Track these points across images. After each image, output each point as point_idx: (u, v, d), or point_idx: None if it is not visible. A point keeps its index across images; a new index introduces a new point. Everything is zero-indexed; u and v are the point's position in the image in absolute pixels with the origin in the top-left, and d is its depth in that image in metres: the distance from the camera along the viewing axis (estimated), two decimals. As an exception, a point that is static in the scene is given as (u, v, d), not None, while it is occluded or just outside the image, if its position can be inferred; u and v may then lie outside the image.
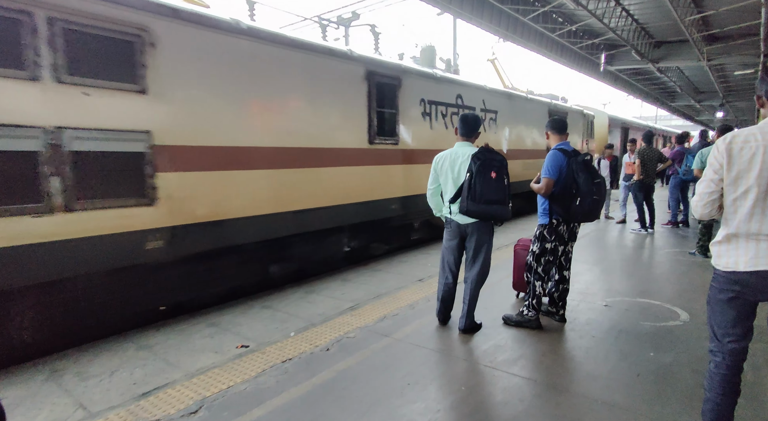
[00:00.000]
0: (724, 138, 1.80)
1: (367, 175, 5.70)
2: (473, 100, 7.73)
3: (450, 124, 7.13)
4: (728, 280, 1.81)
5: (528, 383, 2.67)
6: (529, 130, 10.18)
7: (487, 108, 8.20)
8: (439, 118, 6.92)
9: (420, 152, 6.50)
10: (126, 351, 3.34)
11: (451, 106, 7.19)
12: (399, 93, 6.11)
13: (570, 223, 3.42)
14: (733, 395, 1.87)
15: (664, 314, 3.80)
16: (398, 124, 6.09)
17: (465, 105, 7.47)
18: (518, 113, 9.41)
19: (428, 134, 6.69)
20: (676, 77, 21.92)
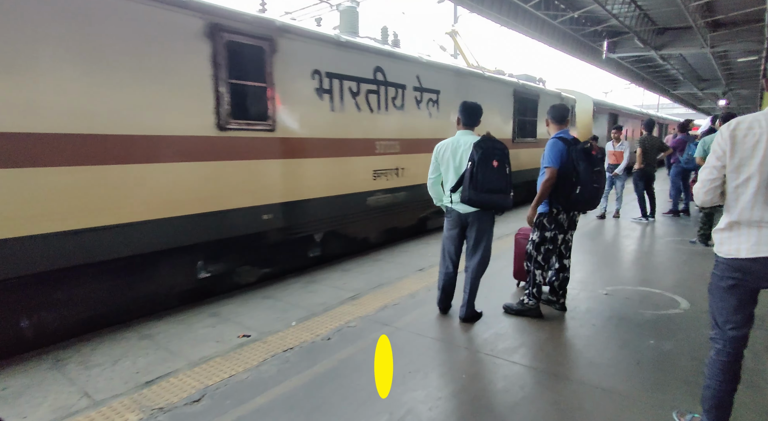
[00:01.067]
0: (729, 125, 1.78)
1: (216, 174, 4.02)
2: (402, 75, 6.12)
3: (366, 106, 5.55)
4: (730, 267, 1.81)
5: (529, 371, 2.69)
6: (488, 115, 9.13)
7: (423, 87, 6.53)
8: (347, 98, 5.28)
9: (315, 143, 4.94)
10: (129, 340, 3.36)
11: (367, 81, 5.54)
12: (273, 60, 4.42)
13: (570, 211, 3.41)
14: (733, 382, 1.88)
15: (665, 303, 3.81)
16: (272, 103, 4.44)
17: (389, 81, 5.87)
18: (472, 95, 7.62)
19: (329, 118, 5.08)
20: (678, 65, 21.71)
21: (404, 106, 6.20)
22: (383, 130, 5.90)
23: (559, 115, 3.48)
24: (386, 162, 5.94)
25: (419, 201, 6.48)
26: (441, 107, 6.98)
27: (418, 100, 6.48)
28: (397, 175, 6.13)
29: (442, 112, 7.04)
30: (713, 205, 1.94)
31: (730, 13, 12.86)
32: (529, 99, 9.81)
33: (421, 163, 6.30)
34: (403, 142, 6.20)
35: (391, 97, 5.96)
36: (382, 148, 5.89)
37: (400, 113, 6.15)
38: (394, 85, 6.03)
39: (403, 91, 6.17)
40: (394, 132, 6.08)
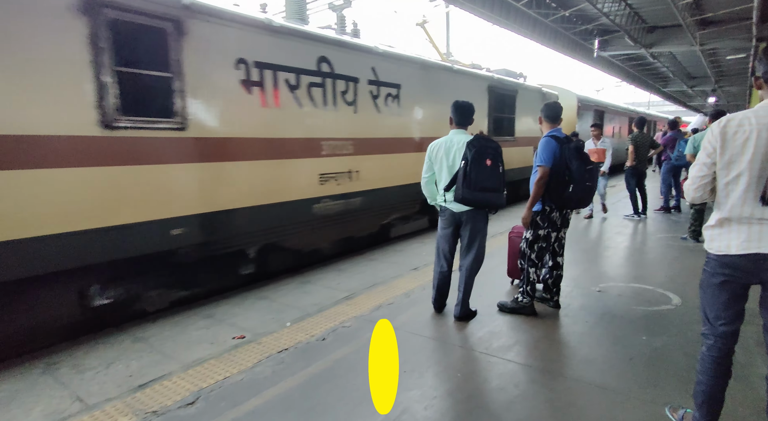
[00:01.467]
0: (719, 122, 1.80)
1: (104, 182, 3.34)
2: (353, 67, 5.41)
3: (309, 101, 4.84)
4: (720, 263, 1.83)
5: (523, 369, 2.70)
6: None
7: (381, 80, 5.82)
8: (284, 92, 4.56)
9: (243, 143, 4.21)
10: (122, 344, 3.33)
11: (309, 73, 4.80)
12: (181, 46, 3.70)
13: (563, 210, 3.43)
14: (725, 377, 1.90)
15: (657, 299, 3.84)
16: (182, 97, 3.72)
17: (337, 74, 5.17)
18: (440, 90, 7.10)
19: (261, 115, 4.36)
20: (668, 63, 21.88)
21: (357, 101, 5.48)
22: (331, 129, 5.19)
23: (553, 114, 3.50)
24: (336, 164, 5.26)
25: (380, 207, 6.08)
26: (403, 103, 6.27)
27: (374, 95, 5.75)
28: (350, 178, 5.46)
29: (405, 109, 6.34)
30: (703, 202, 1.97)
31: (718, 11, 12.99)
32: (505, 95, 9.18)
33: (381, 164, 5.97)
34: (358, 142, 5.54)
35: (340, 91, 5.23)
36: (331, 149, 5.17)
37: (352, 110, 5.43)
38: (343, 78, 5.28)
39: (355, 85, 5.43)
40: (346, 131, 5.38)
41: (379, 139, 5.92)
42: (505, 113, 9.24)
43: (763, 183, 1.68)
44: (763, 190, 1.66)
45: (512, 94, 9.42)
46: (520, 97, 9.67)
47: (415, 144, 6.61)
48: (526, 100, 10.06)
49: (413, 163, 6.30)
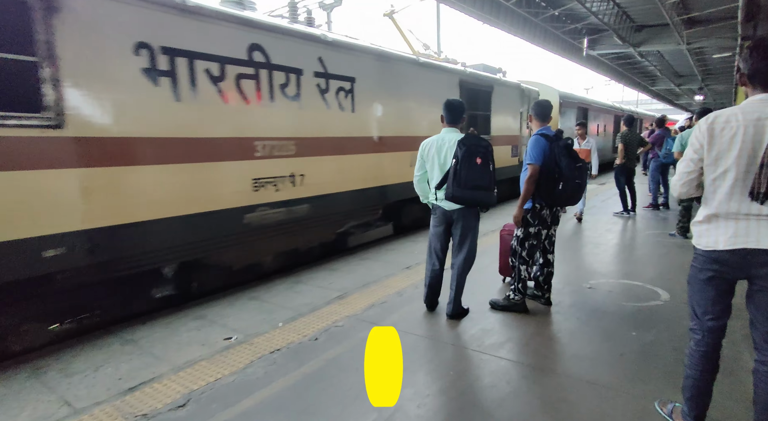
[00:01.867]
0: (707, 118, 1.82)
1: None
2: (295, 56, 4.72)
3: (238, 95, 4.17)
4: (708, 259, 1.85)
5: (515, 366, 2.72)
6: (425, 109, 6.93)
7: (330, 72, 5.15)
8: (204, 84, 3.90)
9: (149, 144, 3.55)
10: (111, 346, 3.28)
11: (237, 63, 4.14)
12: (52, 24, 3.02)
13: (553, 207, 3.45)
14: (713, 371, 1.93)
15: (646, 295, 3.89)
16: (55, 87, 3.05)
17: (274, 64, 4.47)
18: (404, 84, 6.41)
19: (172, 111, 3.69)
20: (656, 61, 22.15)
21: (301, 96, 4.81)
22: (268, 127, 4.49)
23: (542, 112, 3.52)
24: (275, 168, 4.57)
25: (333, 214, 5.44)
26: (359, 98, 5.60)
27: (322, 90, 5.09)
28: (293, 183, 4.77)
29: (361, 105, 5.65)
30: (690, 198, 1.99)
31: (704, 11, 13.17)
32: (480, 90, 8.50)
33: (333, 167, 5.31)
34: (302, 142, 4.86)
35: (279, 84, 4.55)
36: (267, 150, 4.47)
37: (295, 105, 4.74)
38: (283, 70, 4.58)
39: (298, 78, 4.75)
40: (287, 129, 4.69)
41: (329, 138, 5.24)
42: (479, 110, 8.64)
43: (751, 178, 1.70)
44: (752, 185, 1.68)
45: (487, 90, 8.79)
46: (496, 93, 9.05)
47: (375, 144, 5.98)
48: (504, 96, 9.41)
49: (373, 164, 5.96)
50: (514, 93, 10.08)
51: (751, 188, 1.68)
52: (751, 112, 1.72)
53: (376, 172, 6.01)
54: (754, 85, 1.77)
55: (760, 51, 1.73)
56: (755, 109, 1.72)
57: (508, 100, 9.68)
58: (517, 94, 10.18)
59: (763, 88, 1.74)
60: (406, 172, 6.46)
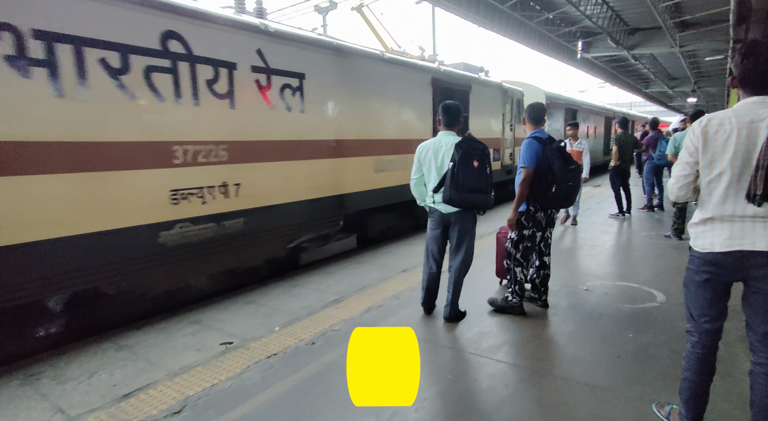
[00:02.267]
0: (700, 121, 1.83)
1: None
2: (227, 48, 4.09)
3: (150, 91, 3.55)
4: (704, 261, 1.86)
5: (512, 369, 2.71)
6: (393, 110, 6.31)
7: (272, 67, 4.52)
8: (100, 76, 3.29)
9: (22, 149, 2.95)
10: (105, 352, 3.25)
11: (148, 53, 3.51)
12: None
13: (547, 210, 3.46)
14: (709, 373, 1.93)
15: (642, 296, 3.90)
16: None
17: (197, 56, 3.86)
18: (366, 81, 5.78)
19: (54, 109, 3.10)
20: (650, 64, 22.33)
21: (235, 94, 4.19)
22: (191, 130, 3.86)
23: (536, 115, 3.54)
24: (200, 176, 3.94)
25: (280, 228, 4.82)
26: (311, 97, 4.97)
27: (262, 87, 4.46)
28: (225, 194, 4.14)
29: (314, 104, 5.03)
30: (686, 201, 1.99)
31: (697, 14, 13.30)
32: (456, 90, 7.90)
33: (279, 174, 4.67)
34: (237, 147, 4.22)
35: (205, 79, 3.93)
36: (190, 157, 3.85)
37: (226, 104, 4.13)
38: (210, 63, 3.95)
39: (230, 73, 4.14)
40: (216, 132, 4.06)
41: (273, 142, 4.59)
42: None
43: (746, 180, 1.71)
44: (748, 187, 1.69)
45: (464, 90, 8.19)
46: (475, 93, 8.45)
47: (331, 148, 5.35)
48: (484, 96, 8.81)
49: (330, 171, 5.36)
50: (496, 93, 9.54)
51: (748, 190, 1.69)
52: (744, 115, 1.74)
53: (334, 180, 5.45)
54: (746, 88, 1.79)
55: (750, 55, 1.74)
56: (748, 112, 1.73)
57: (489, 100, 9.13)
58: (498, 94, 9.63)
59: (755, 91, 1.76)
60: (372, 179, 6.00)
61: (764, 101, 1.73)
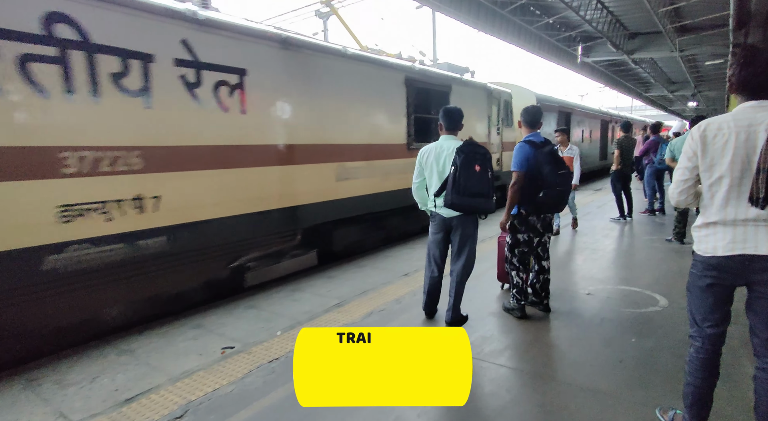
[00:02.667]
0: (698, 126, 1.85)
1: None
2: (140, 36, 3.51)
3: (27, 85, 2.95)
4: (707, 265, 1.86)
5: (514, 373, 2.70)
6: (360, 111, 5.74)
7: (203, 61, 3.91)
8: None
9: None
10: (107, 357, 3.25)
11: (24, 39, 2.93)
12: None
13: (538, 214, 3.47)
14: (713, 378, 1.93)
15: (644, 300, 3.89)
16: None
17: (95, 44, 3.25)
18: (325, 81, 5.14)
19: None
20: (650, 68, 22.38)
21: (152, 90, 3.57)
22: (89, 132, 3.25)
23: (530, 119, 3.57)
24: (103, 188, 3.31)
25: (216, 246, 4.15)
26: (254, 96, 4.32)
27: (190, 83, 3.83)
28: (140, 209, 3.54)
29: (259, 104, 4.37)
30: (687, 206, 1.99)
31: (696, 19, 13.36)
32: (434, 91, 7.34)
33: (214, 185, 4.04)
34: (155, 153, 3.61)
35: (108, 73, 3.31)
36: (88, 165, 3.23)
37: (140, 103, 3.51)
38: (115, 53, 3.35)
39: (145, 65, 3.52)
40: (126, 135, 3.45)
41: (204, 147, 3.97)
42: (434, 114, 7.25)
43: (747, 184, 1.72)
44: (750, 190, 1.70)
45: (444, 91, 7.61)
46: (456, 94, 7.81)
47: (282, 154, 4.69)
48: (466, 98, 8.11)
49: (280, 180, 4.67)
50: (480, 94, 8.84)
51: (750, 193, 1.70)
52: (742, 119, 1.75)
53: (286, 190, 4.78)
54: (744, 93, 1.81)
55: (748, 64, 1.77)
56: (746, 116, 1.75)
57: (472, 102, 8.39)
58: (483, 95, 8.92)
59: (752, 96, 1.78)
60: (334, 188, 5.37)
61: (762, 105, 1.75)
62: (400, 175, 6.37)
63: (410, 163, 6.07)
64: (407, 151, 6.61)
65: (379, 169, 6.13)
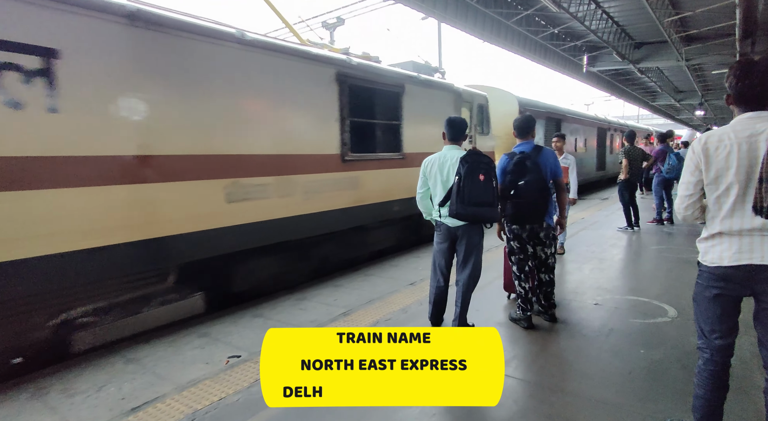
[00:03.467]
0: (699, 139, 1.86)
1: None
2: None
3: None
4: (713, 276, 1.84)
5: (521, 384, 2.68)
6: (266, 115, 4.55)
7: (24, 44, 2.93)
8: None
9: None
10: (114, 365, 3.27)
11: None
12: None
13: (520, 224, 3.49)
14: (722, 390, 1.90)
15: (653, 311, 3.85)
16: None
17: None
18: (205, 72, 3.95)
19: None
20: (656, 77, 22.37)
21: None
22: None
23: (519, 127, 3.62)
24: None
25: (21, 298, 3.07)
26: (73, 88, 3.17)
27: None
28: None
29: (81, 99, 3.22)
30: (695, 221, 1.97)
31: (702, 28, 13.37)
32: (380, 90, 6.13)
33: None
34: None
35: None
36: None
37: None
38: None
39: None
40: None
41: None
42: (380, 118, 6.38)
43: (751, 194, 1.72)
44: (753, 200, 1.70)
45: (394, 91, 6.32)
46: (411, 95, 6.53)
47: (133, 167, 3.51)
48: (425, 101, 6.88)
49: (129, 202, 3.49)
50: (445, 97, 7.45)
51: (754, 203, 1.70)
52: (742, 130, 1.76)
53: (144, 216, 3.59)
54: (741, 105, 1.83)
55: (745, 77, 1.79)
56: (746, 127, 1.76)
57: (434, 106, 7.13)
58: (449, 98, 7.53)
59: (751, 108, 1.80)
60: (224, 212, 4.11)
61: (760, 116, 1.76)
62: (334, 193, 5.19)
63: (346, 178, 5.22)
64: (342, 164, 5.34)
65: (300, 186, 4.83)
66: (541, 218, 3.46)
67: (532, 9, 13.13)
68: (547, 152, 3.56)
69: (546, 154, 3.54)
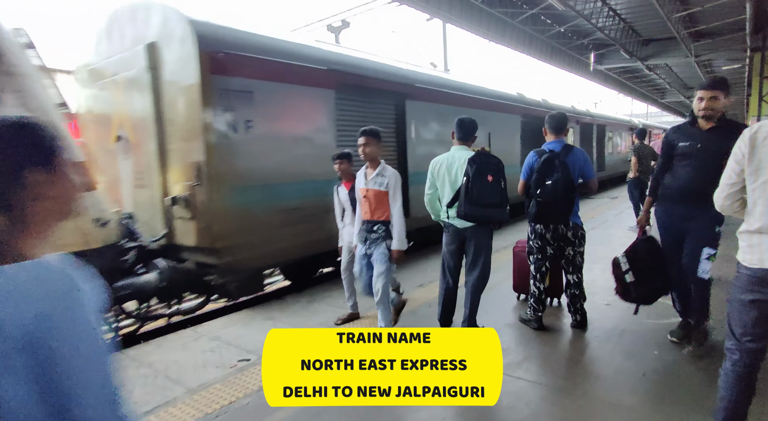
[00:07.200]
0: (750, 128, 1.78)
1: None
2: None
3: None
4: (753, 279, 1.74)
5: (533, 386, 2.65)
6: None
7: None
8: None
9: None
10: (125, 369, 3.29)
11: None
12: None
13: (544, 223, 3.44)
14: (748, 394, 1.83)
15: (665, 311, 3.79)
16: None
17: None
18: None
19: None
20: (664, 74, 22.12)
21: None
22: None
23: (553, 125, 3.53)
24: None
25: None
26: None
27: None
28: None
29: None
30: (733, 213, 1.87)
31: (711, 24, 13.19)
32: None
33: None
34: None
35: None
36: None
37: None
38: None
39: None
40: None
41: None
42: None
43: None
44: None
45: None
46: None
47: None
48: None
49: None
50: None
51: None
52: None
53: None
54: None
55: None
56: None
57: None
58: None
59: None
60: None
61: None
62: None
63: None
64: None
65: None
66: (566, 218, 3.40)
67: (537, 8, 13.06)
68: (577, 152, 3.45)
69: (576, 154, 3.43)
